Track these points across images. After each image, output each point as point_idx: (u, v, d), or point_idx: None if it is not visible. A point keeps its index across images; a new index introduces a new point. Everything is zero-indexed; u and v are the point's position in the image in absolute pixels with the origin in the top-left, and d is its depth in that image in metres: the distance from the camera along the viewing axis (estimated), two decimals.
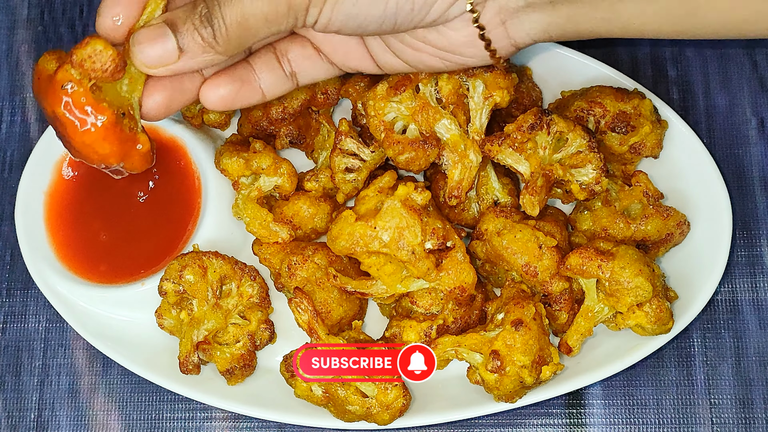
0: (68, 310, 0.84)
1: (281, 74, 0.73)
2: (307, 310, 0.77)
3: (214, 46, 0.63)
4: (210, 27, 0.63)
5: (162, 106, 0.67)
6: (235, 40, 0.64)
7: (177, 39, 0.63)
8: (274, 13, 0.63)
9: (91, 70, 0.62)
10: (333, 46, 0.73)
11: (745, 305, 0.86)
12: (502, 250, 0.78)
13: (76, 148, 0.65)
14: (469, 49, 0.70)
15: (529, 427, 0.83)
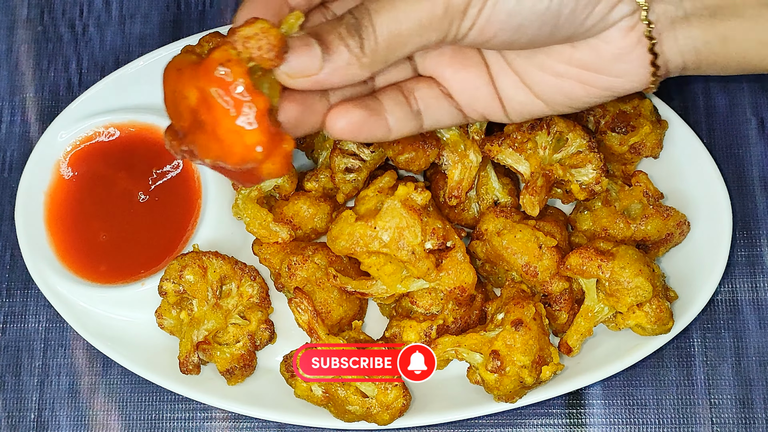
0: (68, 310, 0.84)
1: (408, 111, 0.69)
2: (307, 310, 0.77)
3: (360, 58, 0.60)
4: (358, 37, 0.60)
5: (293, 121, 0.64)
6: (384, 51, 0.61)
7: (321, 49, 0.60)
8: (429, 19, 0.60)
9: (254, 48, 0.58)
10: (461, 86, 0.69)
11: (745, 305, 0.86)
12: (502, 250, 0.78)
13: (220, 137, 0.59)
14: (621, 66, 0.66)
15: (529, 427, 0.83)
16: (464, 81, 0.69)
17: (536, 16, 0.61)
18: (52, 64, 0.97)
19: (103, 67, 0.97)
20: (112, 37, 0.98)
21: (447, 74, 0.69)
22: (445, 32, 0.61)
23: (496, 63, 0.69)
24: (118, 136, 0.88)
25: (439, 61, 0.69)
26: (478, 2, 0.60)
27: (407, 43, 0.61)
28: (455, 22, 0.61)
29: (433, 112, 0.70)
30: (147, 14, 0.98)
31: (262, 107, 0.58)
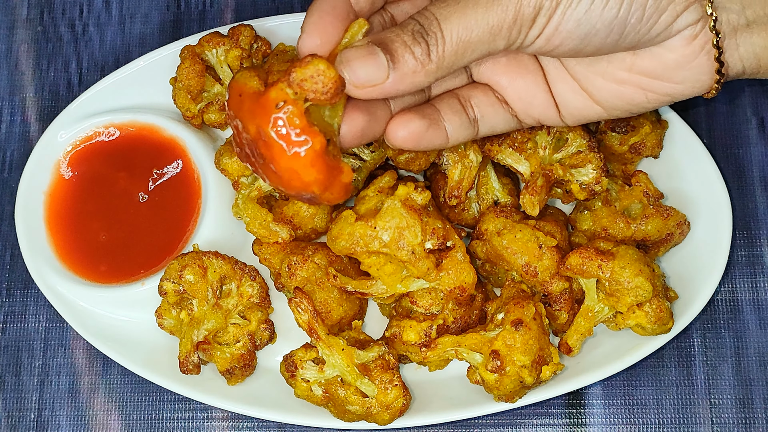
0: (68, 309, 0.84)
1: (465, 119, 0.69)
2: (307, 310, 0.77)
3: (426, 65, 0.61)
4: (425, 44, 0.60)
5: (358, 133, 0.64)
6: (451, 57, 0.61)
7: (387, 58, 0.60)
8: (499, 26, 0.60)
9: (310, 91, 0.58)
10: (517, 93, 0.70)
11: (745, 305, 0.86)
12: (502, 250, 0.78)
13: (278, 173, 0.60)
14: (683, 73, 0.66)
15: (529, 427, 0.83)
16: (521, 88, 0.70)
17: (604, 25, 0.62)
18: (52, 63, 0.97)
19: (103, 67, 0.97)
20: (112, 37, 0.98)
21: (503, 82, 0.70)
22: (513, 40, 0.62)
23: (554, 70, 0.69)
24: (118, 136, 0.88)
25: (495, 69, 0.69)
26: (547, 11, 0.60)
27: (475, 50, 0.61)
28: (523, 30, 0.61)
29: (488, 119, 0.70)
30: (147, 14, 0.98)
31: (318, 147, 0.59)
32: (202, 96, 0.87)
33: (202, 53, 0.86)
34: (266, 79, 0.61)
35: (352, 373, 0.76)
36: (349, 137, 0.64)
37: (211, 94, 0.87)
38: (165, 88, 0.88)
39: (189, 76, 0.85)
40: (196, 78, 0.85)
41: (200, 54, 0.86)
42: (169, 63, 0.88)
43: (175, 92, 0.86)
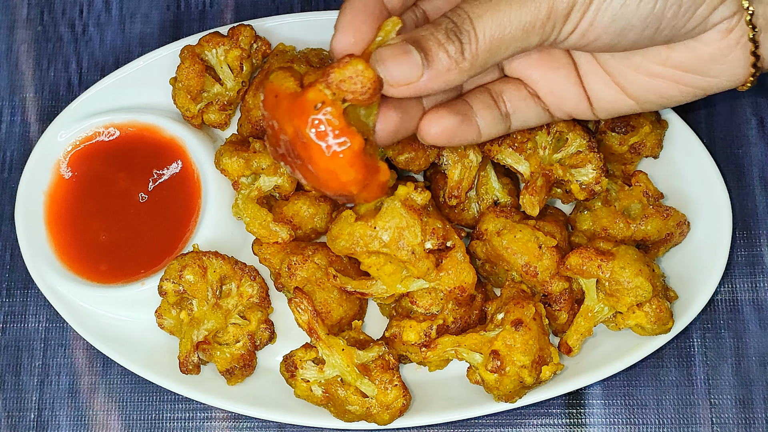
0: (68, 309, 0.84)
1: (497, 114, 0.69)
2: (307, 310, 0.77)
3: (459, 63, 0.61)
4: (458, 42, 0.60)
5: (392, 130, 0.64)
6: (484, 55, 0.61)
7: (421, 57, 0.60)
8: (533, 23, 0.60)
9: (349, 92, 0.58)
10: (549, 87, 0.70)
11: (745, 305, 0.86)
12: (502, 250, 0.78)
13: (316, 173, 0.60)
14: (718, 66, 0.66)
15: (529, 427, 0.83)
16: (553, 82, 0.69)
17: (639, 20, 0.61)
18: (52, 63, 0.97)
19: (103, 67, 0.97)
20: (112, 37, 0.98)
21: (535, 76, 0.70)
22: (547, 36, 0.62)
23: (586, 63, 0.69)
24: (118, 136, 0.88)
25: (527, 63, 0.69)
26: (581, 6, 0.60)
27: (508, 47, 0.61)
28: (557, 26, 0.61)
29: (521, 114, 0.70)
30: (147, 14, 0.98)
31: (357, 147, 0.59)
32: (202, 96, 0.87)
33: (202, 53, 0.86)
34: (302, 80, 0.61)
35: (352, 373, 0.76)
36: (383, 135, 0.64)
37: (211, 94, 0.87)
38: (165, 88, 0.88)
39: (189, 76, 0.85)
40: (195, 78, 0.85)
41: (200, 54, 0.86)
42: (169, 63, 0.88)
43: (175, 92, 0.86)
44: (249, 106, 0.85)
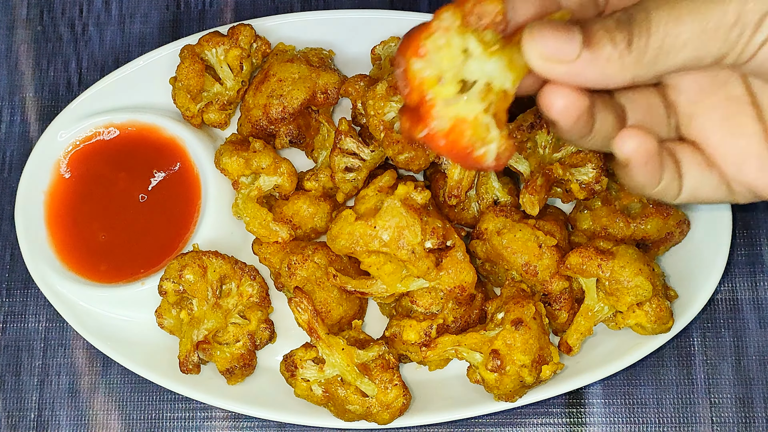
0: (68, 309, 0.84)
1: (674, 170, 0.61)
2: (306, 310, 0.77)
3: (624, 55, 0.54)
4: (627, 32, 0.54)
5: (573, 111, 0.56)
6: (653, 52, 0.54)
7: (582, 38, 0.54)
8: (716, 25, 0.52)
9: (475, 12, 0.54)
10: (729, 154, 0.60)
11: (745, 304, 0.86)
12: (502, 250, 0.78)
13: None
14: None
15: (529, 426, 0.83)
16: (734, 149, 0.61)
17: None
18: (52, 63, 0.97)
19: (102, 67, 0.97)
20: (112, 37, 0.98)
21: (714, 139, 0.61)
22: (730, 46, 0.54)
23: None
24: (118, 135, 0.88)
25: (707, 125, 0.61)
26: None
27: (682, 49, 0.54)
28: (745, 35, 0.53)
29: (693, 181, 0.62)
30: (146, 14, 0.98)
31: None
32: (202, 96, 0.87)
33: (201, 53, 0.86)
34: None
35: (352, 373, 0.76)
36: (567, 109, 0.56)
37: (211, 94, 0.87)
38: (165, 88, 0.88)
39: (189, 75, 0.85)
40: (195, 78, 0.85)
41: (200, 53, 0.86)
42: (169, 63, 0.88)
43: (175, 92, 0.86)
44: (249, 105, 0.85)
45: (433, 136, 0.55)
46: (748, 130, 0.61)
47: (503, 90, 0.56)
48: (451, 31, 0.54)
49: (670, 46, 0.54)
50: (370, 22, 0.89)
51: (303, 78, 0.84)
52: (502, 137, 0.56)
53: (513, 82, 0.56)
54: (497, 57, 0.55)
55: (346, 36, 0.89)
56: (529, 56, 0.54)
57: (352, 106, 0.85)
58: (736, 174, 0.61)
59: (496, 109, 0.56)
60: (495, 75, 0.55)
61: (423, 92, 0.54)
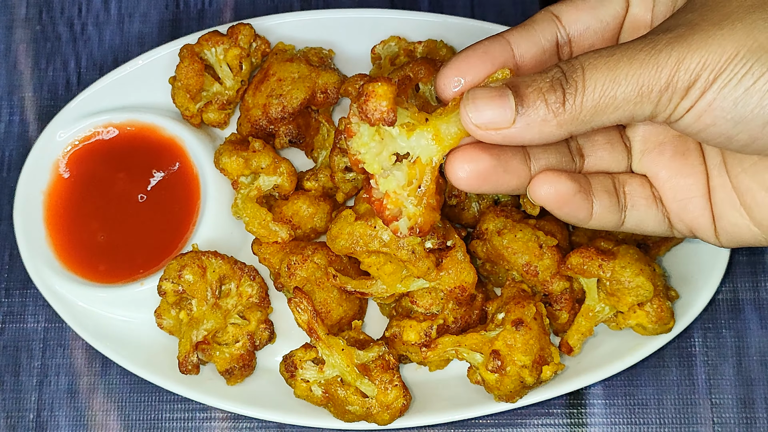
0: (67, 310, 0.84)
1: (615, 202, 0.64)
2: (306, 310, 0.77)
3: (558, 115, 0.56)
4: (561, 92, 0.56)
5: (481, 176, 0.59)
6: (589, 111, 0.56)
7: (516, 102, 0.56)
8: (649, 88, 0.55)
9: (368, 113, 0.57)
10: (674, 192, 0.64)
11: (747, 305, 0.85)
12: (502, 250, 0.78)
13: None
14: None
15: (529, 427, 0.83)
16: (679, 187, 0.64)
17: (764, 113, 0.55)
18: (51, 63, 0.97)
19: (101, 66, 0.96)
20: (111, 36, 0.97)
21: (662, 175, 0.65)
22: (663, 108, 0.56)
23: (718, 176, 0.63)
24: (117, 135, 0.88)
25: (658, 161, 0.65)
26: (702, 83, 0.55)
27: (617, 109, 0.56)
28: (674, 99, 0.56)
29: (638, 213, 0.65)
30: (146, 13, 0.98)
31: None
32: (201, 95, 0.87)
33: (201, 52, 0.86)
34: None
35: (351, 373, 0.76)
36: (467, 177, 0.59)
37: (210, 93, 0.87)
38: (164, 88, 0.88)
39: (188, 75, 0.85)
40: (195, 77, 0.85)
41: (199, 53, 0.86)
42: (168, 62, 0.88)
43: (174, 91, 0.86)
44: (248, 105, 0.85)
45: (373, 204, 0.60)
46: (696, 170, 0.64)
47: (430, 159, 0.59)
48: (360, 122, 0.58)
49: (606, 105, 0.56)
50: (370, 21, 0.89)
51: (303, 77, 0.84)
52: (418, 213, 0.60)
53: (440, 153, 0.59)
54: (419, 132, 0.58)
55: (346, 36, 0.89)
56: (467, 126, 0.57)
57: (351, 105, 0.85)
58: (679, 211, 0.64)
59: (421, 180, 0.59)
60: (417, 149, 0.59)
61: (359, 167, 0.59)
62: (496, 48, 0.60)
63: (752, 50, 0.54)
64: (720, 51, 0.54)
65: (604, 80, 0.56)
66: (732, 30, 0.55)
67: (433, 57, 0.85)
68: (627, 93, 0.56)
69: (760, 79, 0.54)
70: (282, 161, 0.83)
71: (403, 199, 0.60)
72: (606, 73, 0.56)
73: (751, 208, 0.62)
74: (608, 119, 0.57)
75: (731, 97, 0.55)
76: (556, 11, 0.63)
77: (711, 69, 0.54)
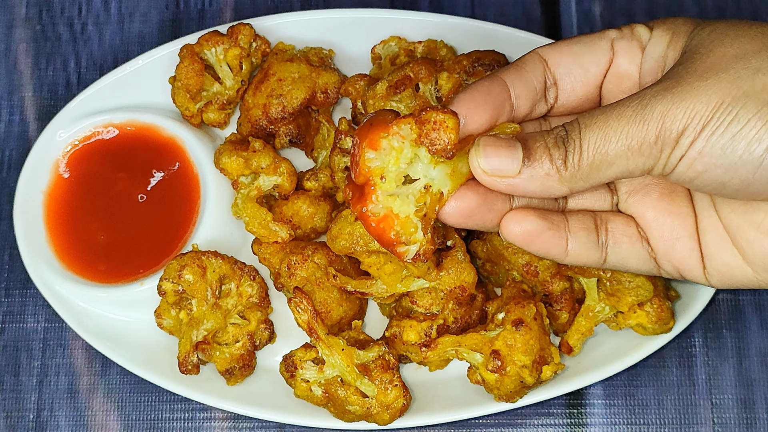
0: (67, 309, 0.84)
1: (594, 239, 0.65)
2: (306, 310, 0.77)
3: (561, 171, 0.59)
4: (563, 150, 0.59)
5: (465, 213, 0.62)
6: (586, 169, 0.59)
7: (524, 154, 0.59)
8: (640, 142, 0.57)
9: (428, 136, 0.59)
10: (661, 231, 0.65)
11: (747, 305, 0.85)
12: (502, 250, 0.78)
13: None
14: None
15: (529, 427, 0.83)
16: (666, 227, 0.65)
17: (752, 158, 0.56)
18: (51, 63, 0.97)
19: (101, 66, 0.96)
20: (111, 36, 0.97)
21: (648, 215, 0.66)
22: (655, 160, 0.58)
23: (707, 217, 0.64)
24: (117, 135, 0.88)
25: (644, 201, 0.66)
26: (691, 132, 0.56)
27: (612, 164, 0.59)
28: (665, 150, 0.58)
29: (620, 251, 0.66)
30: (146, 13, 0.98)
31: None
32: (201, 95, 0.87)
33: (201, 52, 0.86)
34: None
35: (351, 373, 0.76)
36: (453, 213, 0.62)
37: (210, 93, 0.87)
38: (164, 88, 0.88)
39: (188, 75, 0.85)
40: (195, 77, 0.85)
41: (199, 53, 0.86)
42: (168, 62, 0.88)
43: (174, 91, 0.86)
44: (248, 105, 0.85)
45: (367, 217, 0.61)
46: (683, 211, 0.65)
47: (440, 192, 0.61)
48: (406, 140, 0.59)
49: (600, 162, 0.59)
50: (370, 21, 0.89)
51: (303, 77, 0.84)
52: (425, 241, 0.61)
53: (451, 189, 0.61)
54: (442, 165, 0.60)
55: (346, 35, 0.89)
56: (475, 171, 0.60)
57: (352, 105, 0.85)
58: (667, 251, 0.65)
59: (429, 209, 0.61)
60: (436, 180, 0.60)
61: (368, 178, 0.60)
62: (496, 89, 0.63)
63: (737, 98, 0.56)
64: (706, 100, 0.56)
65: (597, 138, 0.58)
66: (717, 80, 0.57)
67: (433, 57, 0.85)
68: (618, 149, 0.58)
69: (746, 125, 0.55)
70: (282, 161, 0.83)
71: (415, 225, 0.61)
72: (598, 131, 0.58)
73: (742, 248, 0.63)
74: (605, 176, 0.59)
75: (719, 144, 0.56)
76: (543, 53, 0.66)
77: (699, 118, 0.56)
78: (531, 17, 0.95)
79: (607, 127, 0.58)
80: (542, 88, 0.66)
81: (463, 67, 0.79)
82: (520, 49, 0.84)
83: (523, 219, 0.63)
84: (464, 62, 0.79)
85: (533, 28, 0.94)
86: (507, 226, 0.63)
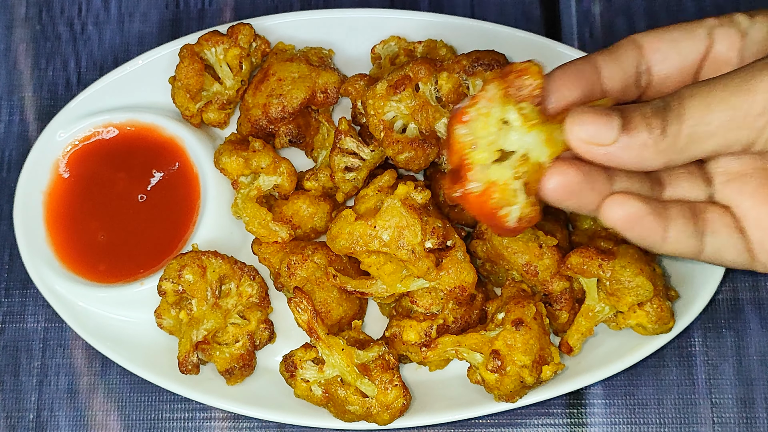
0: (67, 309, 0.84)
1: (692, 228, 0.63)
2: (306, 310, 0.77)
3: (658, 142, 0.57)
4: (662, 119, 0.57)
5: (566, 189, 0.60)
6: (685, 140, 0.57)
7: (621, 123, 0.58)
8: (744, 114, 0.56)
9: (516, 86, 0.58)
10: (759, 221, 0.63)
11: (747, 304, 0.85)
12: (502, 249, 0.78)
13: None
14: None
15: (529, 427, 0.83)
16: (764, 216, 0.63)
17: None
18: (51, 63, 0.97)
19: (101, 66, 0.96)
20: (111, 36, 0.97)
21: (746, 205, 0.64)
22: (758, 133, 0.57)
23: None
24: (117, 135, 0.88)
25: (742, 190, 0.64)
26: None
27: (712, 136, 0.57)
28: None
29: (718, 240, 0.64)
30: (146, 13, 0.98)
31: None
32: (201, 95, 0.87)
33: (201, 52, 0.86)
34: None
35: (351, 373, 0.76)
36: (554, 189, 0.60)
37: (210, 93, 0.87)
38: (164, 87, 0.88)
39: (188, 75, 0.85)
40: (195, 77, 0.85)
41: (199, 53, 0.86)
42: (168, 62, 0.88)
43: (174, 91, 0.86)
44: (248, 105, 0.85)
45: (467, 197, 0.60)
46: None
47: (538, 162, 0.59)
48: (493, 101, 0.59)
49: (701, 133, 0.57)
50: (370, 21, 0.89)
51: (303, 77, 0.84)
52: (528, 204, 0.60)
53: (549, 156, 0.60)
54: (536, 131, 0.59)
55: (346, 35, 0.89)
56: (570, 137, 0.58)
57: (351, 105, 0.85)
58: (764, 241, 0.63)
59: (529, 179, 0.60)
60: (532, 147, 0.60)
61: (462, 156, 0.59)
62: (588, 69, 0.62)
63: None
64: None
65: (700, 108, 0.57)
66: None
67: (433, 57, 0.85)
68: (720, 119, 0.56)
69: None
70: (282, 161, 0.83)
71: (515, 190, 0.60)
72: (701, 101, 0.57)
73: None
74: (703, 149, 0.58)
75: None
76: (639, 39, 0.65)
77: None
78: (531, 17, 0.95)
79: (711, 96, 0.56)
80: (634, 72, 0.64)
81: (462, 67, 0.79)
82: (520, 49, 0.84)
83: (625, 202, 0.61)
84: (464, 62, 0.79)
85: (533, 28, 0.94)
86: (610, 209, 0.61)
